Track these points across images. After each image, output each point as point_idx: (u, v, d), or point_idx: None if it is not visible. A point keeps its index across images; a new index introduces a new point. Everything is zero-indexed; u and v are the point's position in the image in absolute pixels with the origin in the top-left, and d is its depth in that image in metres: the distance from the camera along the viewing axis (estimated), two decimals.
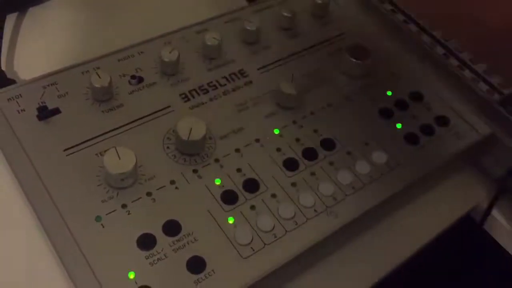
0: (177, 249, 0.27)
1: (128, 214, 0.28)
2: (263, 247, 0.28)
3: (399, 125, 0.34)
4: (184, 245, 0.27)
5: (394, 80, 0.37)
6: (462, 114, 0.35)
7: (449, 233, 0.35)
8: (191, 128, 0.30)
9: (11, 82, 0.34)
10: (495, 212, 0.36)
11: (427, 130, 0.34)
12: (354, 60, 0.35)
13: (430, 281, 0.37)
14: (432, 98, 0.36)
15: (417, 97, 0.36)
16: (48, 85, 0.32)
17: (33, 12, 0.40)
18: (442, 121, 0.35)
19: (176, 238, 0.27)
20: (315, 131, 0.33)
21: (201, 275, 0.26)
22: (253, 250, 0.28)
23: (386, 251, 0.33)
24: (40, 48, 0.38)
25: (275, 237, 0.28)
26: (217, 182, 0.30)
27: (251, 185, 0.30)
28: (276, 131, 0.32)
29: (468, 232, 0.37)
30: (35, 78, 0.32)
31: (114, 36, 0.39)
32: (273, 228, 0.28)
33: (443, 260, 0.37)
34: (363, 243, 0.33)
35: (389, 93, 0.36)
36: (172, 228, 0.28)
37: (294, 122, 0.33)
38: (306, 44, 0.37)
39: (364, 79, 0.36)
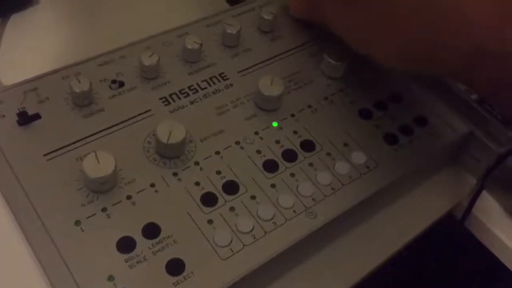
0: (157, 252, 0.27)
1: (108, 217, 0.28)
2: (242, 248, 0.28)
3: (378, 126, 0.34)
4: (163, 248, 0.27)
5: (373, 81, 0.37)
6: (441, 114, 0.36)
7: (431, 230, 0.35)
8: (170, 132, 0.30)
9: None
10: (476, 210, 0.37)
11: (406, 130, 0.35)
12: (333, 62, 0.36)
13: (412, 279, 0.38)
14: (410, 99, 0.36)
15: (396, 98, 0.36)
16: (29, 91, 0.32)
17: (16, 19, 0.40)
18: (421, 121, 0.35)
19: (156, 240, 0.28)
20: (295, 132, 0.33)
21: (180, 277, 0.27)
22: (232, 251, 0.28)
23: (368, 250, 0.33)
24: (23, 54, 0.38)
25: (254, 238, 0.28)
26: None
27: (231, 187, 0.30)
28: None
29: (450, 230, 0.37)
30: (16, 83, 0.32)
31: (96, 42, 0.39)
32: (252, 229, 0.29)
33: (424, 258, 0.38)
34: (345, 243, 0.33)
35: (368, 94, 0.36)
36: (151, 231, 0.28)
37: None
38: (287, 46, 0.38)
39: (343, 81, 0.36)
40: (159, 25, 0.37)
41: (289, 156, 0.32)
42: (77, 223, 0.28)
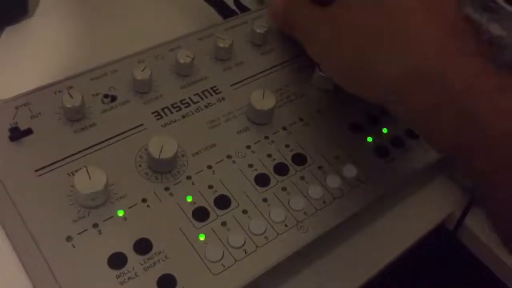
0: (148, 268, 0.27)
1: (99, 233, 0.28)
2: (234, 263, 0.28)
3: (369, 139, 0.35)
4: (155, 263, 0.27)
5: None
6: None
7: (423, 242, 0.35)
8: (162, 146, 0.30)
9: None
10: (468, 221, 0.37)
11: (397, 142, 0.35)
12: (325, 75, 0.36)
13: None
14: None
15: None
16: (21, 106, 0.32)
17: (9, 32, 0.40)
18: (412, 133, 0.35)
19: (147, 256, 0.28)
20: (287, 146, 0.33)
21: None
22: (224, 266, 0.28)
23: (359, 263, 0.33)
24: (17, 67, 0.38)
25: (246, 253, 0.29)
26: (189, 199, 0.30)
27: (223, 202, 0.30)
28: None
29: (442, 241, 0.37)
30: (8, 99, 0.32)
31: (89, 55, 0.39)
32: (244, 244, 0.29)
33: (416, 269, 0.38)
34: (337, 256, 0.33)
35: (359, 107, 0.36)
36: (143, 246, 0.28)
37: (266, 137, 0.33)
38: (279, 59, 0.38)
39: (335, 93, 0.36)
40: (152, 38, 0.38)
41: (281, 169, 0.32)
42: (69, 239, 0.28)
